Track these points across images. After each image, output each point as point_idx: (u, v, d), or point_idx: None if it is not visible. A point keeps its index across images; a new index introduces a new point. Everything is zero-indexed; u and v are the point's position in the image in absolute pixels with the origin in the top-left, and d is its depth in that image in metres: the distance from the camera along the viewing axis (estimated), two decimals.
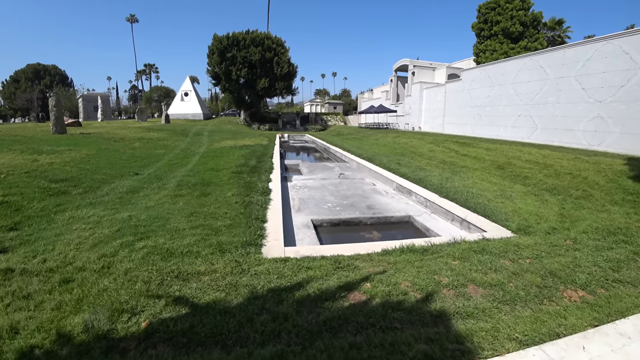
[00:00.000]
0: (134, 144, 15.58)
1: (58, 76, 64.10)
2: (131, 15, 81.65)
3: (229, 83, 38.58)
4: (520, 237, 5.06)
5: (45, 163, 9.11)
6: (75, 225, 5.17)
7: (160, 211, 5.72)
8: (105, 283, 3.26)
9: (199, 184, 7.78)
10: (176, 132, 23.78)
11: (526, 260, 4.10)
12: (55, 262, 3.82)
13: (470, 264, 3.88)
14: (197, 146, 16.83)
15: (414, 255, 4.06)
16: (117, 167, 9.94)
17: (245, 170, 9.58)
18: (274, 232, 4.69)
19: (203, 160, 12.03)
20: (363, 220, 6.52)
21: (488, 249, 4.36)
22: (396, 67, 37.75)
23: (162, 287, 3.13)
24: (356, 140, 22.95)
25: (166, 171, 9.70)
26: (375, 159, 12.95)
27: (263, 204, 6.10)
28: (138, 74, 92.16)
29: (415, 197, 7.90)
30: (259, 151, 14.94)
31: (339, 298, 2.94)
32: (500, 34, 27.87)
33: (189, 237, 4.40)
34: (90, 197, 6.83)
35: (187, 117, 45.52)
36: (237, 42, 37.12)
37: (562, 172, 9.23)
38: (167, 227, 4.83)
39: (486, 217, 6.06)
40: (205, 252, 3.90)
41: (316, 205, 7.21)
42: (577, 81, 14.21)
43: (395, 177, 9.43)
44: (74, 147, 12.22)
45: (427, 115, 28.13)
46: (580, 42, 14.40)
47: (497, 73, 19.29)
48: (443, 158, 12.92)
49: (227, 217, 5.27)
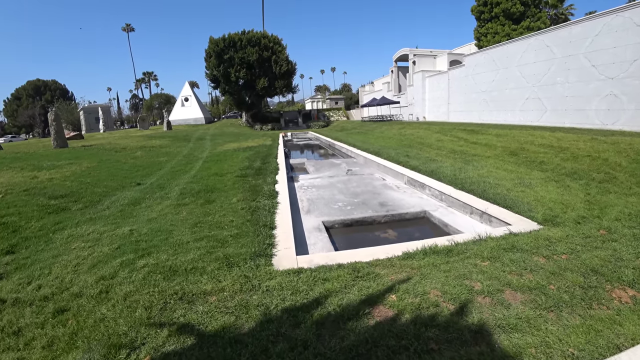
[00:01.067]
0: (135, 153, 15.34)
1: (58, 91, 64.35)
2: (127, 25, 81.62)
3: (228, 85, 38.28)
4: (548, 229, 4.67)
5: (45, 179, 8.87)
6: (74, 244, 4.89)
7: (163, 223, 5.42)
8: (102, 311, 2.95)
9: (203, 191, 7.47)
10: (178, 138, 23.54)
11: (562, 256, 3.72)
12: (50, 288, 3.53)
13: (501, 265, 3.51)
14: (200, 151, 16.55)
15: (439, 258, 3.70)
16: (119, 178, 9.68)
17: (250, 173, 9.26)
18: (284, 239, 4.35)
19: (206, 165, 11.73)
20: (377, 219, 6.16)
21: (518, 245, 3.99)
22: (396, 58, 37.18)
23: (165, 313, 2.81)
24: (361, 134, 22.53)
25: (169, 179, 9.41)
26: (383, 152, 12.56)
27: (270, 208, 5.76)
28: (137, 83, 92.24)
29: (429, 191, 7.52)
30: (263, 152, 14.61)
31: (363, 316, 2.59)
32: (502, 16, 27.18)
33: (194, 251, 4.08)
34: (90, 212, 6.56)
35: (189, 123, 45.33)
36: (234, 43, 36.78)
37: (580, 154, 8.78)
38: (170, 241, 4.52)
39: (508, 208, 5.67)
40: (211, 268, 3.57)
41: (326, 206, 6.87)
42: (587, 58, 13.64)
43: (405, 171, 9.05)
44: (74, 161, 12.00)
45: (431, 104, 27.60)
46: (588, 17, 13.80)
47: (502, 56, 18.72)
48: (452, 147, 12.49)
49: (233, 226, 4.94)
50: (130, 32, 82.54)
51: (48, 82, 64.50)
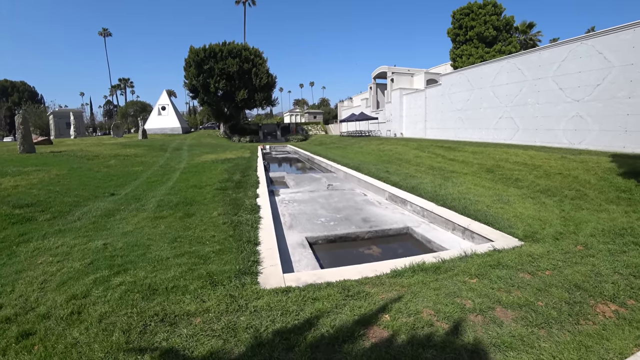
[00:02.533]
0: (109, 161, 14.74)
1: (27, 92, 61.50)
2: (104, 29, 79.71)
3: (207, 96, 37.84)
4: (530, 245, 4.78)
5: (9, 186, 8.33)
6: (41, 258, 4.55)
7: (140, 237, 5.15)
8: (74, 335, 2.71)
9: (182, 204, 7.20)
10: (154, 147, 22.89)
11: (545, 272, 3.78)
12: (13, 308, 3.24)
13: (490, 282, 3.53)
14: (177, 162, 16.12)
15: (427, 275, 3.67)
16: (91, 187, 9.22)
17: (229, 186, 9.04)
18: (269, 255, 4.21)
19: (184, 176, 11.40)
20: (360, 235, 6.12)
21: (503, 262, 4.03)
22: (375, 75, 37.99)
23: (145, 337, 2.61)
24: (340, 149, 22.67)
25: (145, 190, 9.05)
26: (363, 167, 12.63)
27: (253, 223, 5.60)
28: (113, 89, 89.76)
29: (411, 207, 7.58)
30: (242, 164, 14.38)
31: (358, 337, 2.50)
32: (475, 39, 28.46)
33: (174, 267, 3.87)
34: (59, 223, 6.17)
35: (165, 132, 44.27)
36: (214, 53, 36.54)
37: (552, 172, 9.13)
38: (148, 257, 4.28)
39: (489, 224, 5.78)
40: (194, 286, 3.38)
41: (309, 221, 6.77)
42: (555, 82, 14.41)
43: (386, 187, 9.11)
44: (42, 167, 11.37)
45: (408, 121, 28.24)
46: (555, 44, 14.64)
47: (476, 76, 19.49)
48: (431, 164, 12.74)
49: (215, 241, 4.75)
50: (108, 37, 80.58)
51: (16, 82, 61.63)
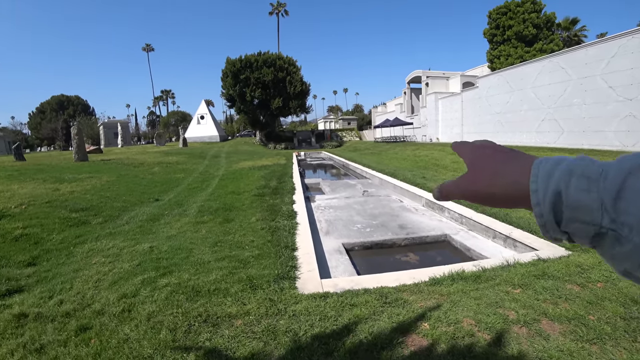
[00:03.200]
0: (153, 168, 15.56)
1: (80, 106, 66.48)
2: (147, 45, 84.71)
3: (243, 104, 39.02)
4: (578, 255, 4.50)
5: (67, 192, 9.01)
6: (95, 258, 4.89)
7: (183, 241, 5.40)
8: (126, 331, 2.90)
9: (221, 209, 7.47)
10: (194, 155, 23.87)
11: (597, 284, 3.55)
12: (72, 304, 3.50)
13: (534, 292, 3.37)
14: (216, 169, 16.70)
15: (467, 284, 3.56)
16: (137, 193, 9.78)
17: (266, 192, 9.25)
18: (307, 261, 4.27)
19: (223, 183, 11.80)
20: (397, 242, 6.04)
21: (549, 272, 3.83)
22: (409, 79, 37.53)
23: (190, 336, 2.74)
24: (374, 155, 22.52)
25: (186, 196, 9.47)
26: (399, 173, 12.47)
27: (290, 229, 5.70)
28: (155, 100, 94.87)
29: (449, 214, 7.38)
30: (278, 171, 14.65)
31: (396, 345, 2.48)
32: (514, 38, 27.35)
33: (216, 271, 4.03)
34: (110, 226, 6.60)
35: (204, 140, 46.11)
36: (250, 64, 37.69)
37: None
38: (191, 260, 4.48)
39: (533, 233, 5.51)
40: (234, 289, 3.50)
41: (345, 227, 6.77)
42: (604, 80, 13.54)
43: (423, 193, 8.94)
44: (94, 174, 12.20)
45: (444, 125, 27.58)
46: (603, 39, 13.78)
47: (516, 77, 18.73)
48: None
49: (254, 246, 4.88)
50: (150, 52, 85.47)
51: (71, 97, 66.78)
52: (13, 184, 9.38)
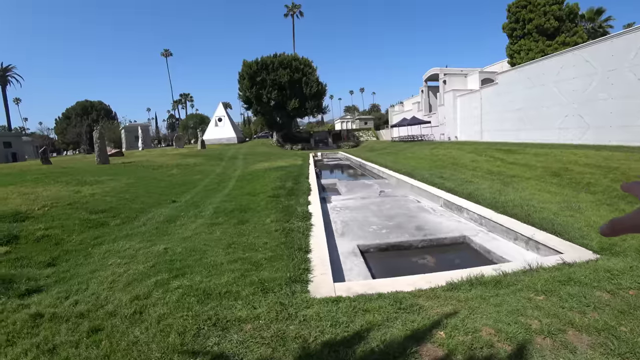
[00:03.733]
0: (171, 170, 15.83)
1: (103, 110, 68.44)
2: (165, 50, 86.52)
3: (260, 106, 39.35)
4: (607, 259, 4.23)
5: (88, 194, 9.23)
6: (111, 259, 4.95)
7: (197, 242, 5.41)
8: (136, 333, 2.88)
9: (236, 210, 7.48)
10: (212, 157, 24.18)
11: (629, 291, 3.31)
12: (86, 305, 3.53)
13: (559, 300, 3.17)
14: (233, 170, 16.85)
15: (487, 289, 3.40)
16: (155, 195, 9.93)
17: (282, 194, 9.23)
18: (320, 264, 4.18)
19: (239, 184, 11.86)
20: (414, 244, 5.88)
21: (575, 277, 3.61)
22: (426, 77, 36.93)
23: (199, 340, 2.70)
24: (391, 154, 22.23)
25: (203, 197, 9.55)
26: (416, 173, 12.23)
27: (305, 230, 5.63)
28: (175, 104, 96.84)
29: (467, 214, 7.15)
30: (294, 172, 14.64)
31: (410, 355, 2.36)
32: (535, 32, 26.44)
33: (228, 273, 3.99)
34: (127, 228, 6.69)
35: (222, 142, 46.69)
36: (266, 65, 37.96)
37: (632, 175, 8.12)
38: (204, 262, 4.46)
39: (557, 234, 5.24)
40: (245, 293, 3.45)
41: (360, 228, 6.66)
42: (632, 72, 12.86)
43: (441, 193, 8.71)
44: (114, 177, 12.49)
45: (462, 123, 26.99)
46: (631, 29, 13.10)
47: (537, 73, 18.10)
48: (489, 168, 11.98)
49: (267, 248, 4.84)
50: (169, 57, 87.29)
51: (94, 102, 68.88)
52: (38, 186, 9.68)
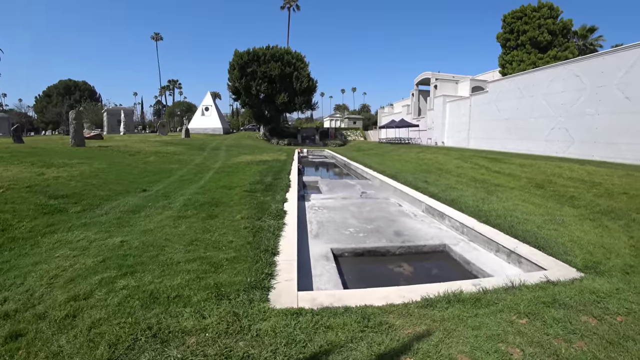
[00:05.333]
0: (148, 157, 15.19)
1: (87, 91, 66.32)
2: (156, 34, 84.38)
3: (248, 98, 38.62)
4: (592, 278, 4.01)
5: (51, 177, 8.64)
6: (60, 251, 4.48)
7: (158, 237, 4.98)
8: (61, 342, 2.48)
9: (207, 204, 7.04)
10: (194, 146, 23.51)
11: (617, 317, 3.08)
12: (15, 303, 3.10)
13: (543, 325, 2.90)
14: (213, 161, 16.31)
15: (465, 308, 3.11)
16: (125, 182, 9.40)
17: (259, 189, 8.82)
18: (287, 268, 3.83)
19: (217, 176, 11.39)
20: (391, 250, 5.59)
21: (560, 299, 3.36)
22: (417, 81, 36.89)
23: (131, 355, 2.31)
24: (377, 155, 22.02)
25: (176, 188, 9.07)
26: (400, 176, 12.00)
27: (276, 229, 5.25)
28: (162, 90, 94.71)
29: (449, 222, 6.92)
30: (276, 167, 14.23)
31: None
32: (528, 44, 26.66)
33: (182, 274, 3.60)
34: (87, 216, 6.20)
35: (207, 132, 45.71)
36: (257, 57, 37.24)
37: (615, 191, 8.03)
38: (160, 259, 4.05)
39: (540, 249, 5.02)
40: (197, 298, 3.07)
41: (337, 230, 6.33)
42: (620, 90, 12.95)
43: (424, 198, 8.47)
44: (86, 160, 11.84)
45: (450, 129, 27.00)
46: (621, 48, 13.17)
47: (528, 84, 18.15)
48: (473, 175, 11.84)
49: (231, 248, 4.45)
50: (159, 42, 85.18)
51: (78, 82, 66.62)
52: None
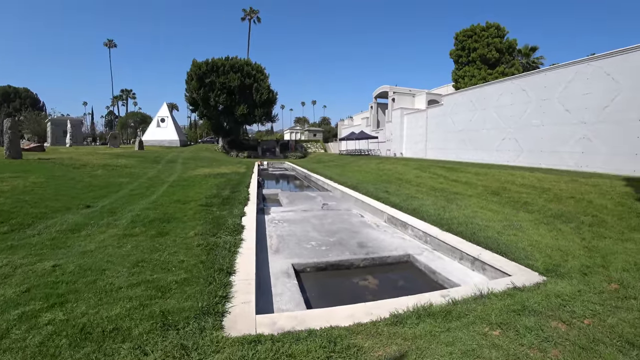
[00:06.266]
0: (96, 171, 14.10)
1: (29, 99, 61.59)
2: (109, 40, 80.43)
3: (207, 109, 37.63)
4: (555, 282, 4.05)
5: None
6: None
7: (99, 259, 4.44)
8: None
9: (158, 220, 6.49)
10: (148, 159, 22.31)
11: (584, 321, 3.06)
12: None
13: (516, 335, 2.79)
14: (168, 174, 15.46)
15: (436, 323, 2.95)
16: (66, 198, 8.53)
17: (216, 203, 8.34)
18: (244, 289, 3.49)
19: (171, 190, 10.72)
20: (355, 263, 5.40)
21: (529, 305, 3.31)
22: (376, 94, 37.85)
23: None
24: (338, 167, 22.07)
25: (124, 203, 8.36)
26: (361, 187, 11.98)
27: (232, 246, 4.88)
28: (114, 100, 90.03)
29: (412, 231, 6.88)
30: (235, 180, 13.72)
31: None
32: (478, 60, 28.35)
33: (123, 301, 3.16)
34: (15, 237, 5.44)
35: (163, 144, 43.76)
36: (217, 68, 36.50)
37: (563, 196, 8.47)
38: (98, 285, 3.56)
39: (503, 254, 5.07)
40: (139, 330, 2.66)
41: (298, 244, 6.05)
42: (561, 103, 14.00)
43: (386, 208, 8.43)
44: (21, 174, 10.72)
45: (408, 140, 27.80)
46: (562, 65, 14.26)
47: (479, 97, 19.13)
48: (433, 184, 12.09)
49: (182, 268, 4.02)
50: (112, 49, 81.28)
51: (19, 89, 61.76)
52: None
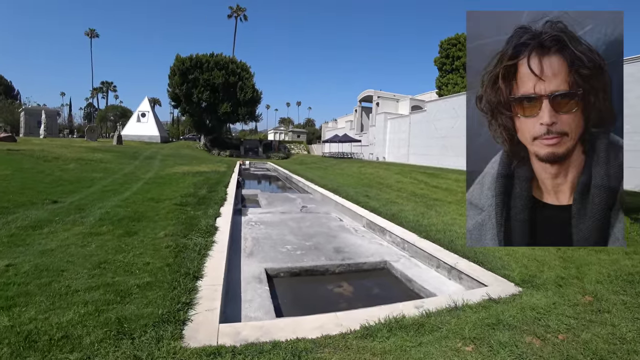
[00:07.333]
0: (68, 165, 13.56)
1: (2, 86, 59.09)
2: (91, 30, 78.05)
3: (189, 106, 36.96)
4: (530, 293, 4.03)
5: None
6: None
7: (59, 258, 4.18)
8: None
9: (128, 219, 6.23)
10: (126, 154, 21.67)
11: (558, 336, 3.02)
12: None
13: (490, 351, 2.72)
14: (145, 171, 15.03)
15: (408, 336, 2.87)
16: (32, 192, 8.13)
17: (191, 202, 8.10)
18: (209, 295, 3.32)
19: (146, 187, 10.38)
20: (330, 269, 5.30)
21: (504, 319, 3.27)
22: (361, 98, 38.10)
23: None
24: (320, 169, 22.00)
25: (94, 200, 8.02)
26: (341, 190, 11.92)
27: (202, 249, 4.70)
28: (94, 91, 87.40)
29: (390, 237, 6.84)
30: (214, 179, 13.44)
31: None
32: (462, 69, 28.93)
33: (78, 306, 2.95)
34: None
35: (143, 140, 42.68)
36: (201, 64, 35.92)
37: None
38: (53, 288, 3.33)
39: (479, 263, 5.04)
40: (90, 339, 2.48)
41: (273, 248, 5.91)
42: None
43: (365, 212, 8.38)
44: None
45: (391, 145, 28.03)
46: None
47: (462, 104, 19.44)
48: (413, 190, 12.15)
49: (147, 271, 3.82)
50: (94, 39, 78.87)
51: None
52: None
